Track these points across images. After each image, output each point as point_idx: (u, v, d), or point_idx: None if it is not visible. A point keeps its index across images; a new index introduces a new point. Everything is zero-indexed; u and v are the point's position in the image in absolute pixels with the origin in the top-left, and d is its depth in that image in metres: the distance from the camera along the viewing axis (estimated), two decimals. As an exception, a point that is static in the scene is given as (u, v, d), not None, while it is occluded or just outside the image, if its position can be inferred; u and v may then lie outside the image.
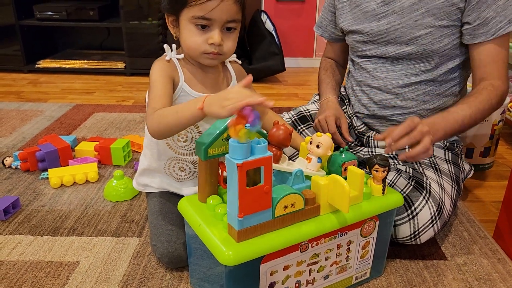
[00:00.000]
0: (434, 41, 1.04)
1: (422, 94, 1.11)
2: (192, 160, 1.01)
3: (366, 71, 1.17)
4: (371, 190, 0.84)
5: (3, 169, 1.42)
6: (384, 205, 0.85)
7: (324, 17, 1.30)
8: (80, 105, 2.09)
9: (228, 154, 0.67)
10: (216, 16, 0.85)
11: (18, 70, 2.67)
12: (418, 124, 0.87)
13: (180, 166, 1.01)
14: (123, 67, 2.68)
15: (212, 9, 0.84)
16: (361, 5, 1.13)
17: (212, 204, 0.78)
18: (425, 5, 1.03)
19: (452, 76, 1.10)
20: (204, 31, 0.87)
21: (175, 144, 0.98)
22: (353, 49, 1.21)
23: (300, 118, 1.29)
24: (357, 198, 0.81)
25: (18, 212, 1.18)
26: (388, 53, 1.11)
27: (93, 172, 1.35)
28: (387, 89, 1.13)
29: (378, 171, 0.83)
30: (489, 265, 1.00)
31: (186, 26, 0.88)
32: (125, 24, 2.58)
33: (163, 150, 1.00)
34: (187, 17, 0.87)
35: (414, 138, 0.86)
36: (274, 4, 2.81)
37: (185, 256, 0.93)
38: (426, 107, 1.12)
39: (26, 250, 1.02)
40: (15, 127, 1.79)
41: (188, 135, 0.97)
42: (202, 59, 0.92)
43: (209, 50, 0.88)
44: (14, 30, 2.58)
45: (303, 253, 0.77)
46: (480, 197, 1.32)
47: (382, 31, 1.09)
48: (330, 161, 0.85)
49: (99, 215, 1.17)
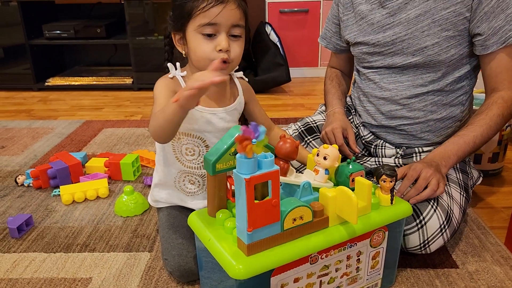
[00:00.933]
0: (441, 51, 1.05)
1: (430, 105, 1.11)
2: (201, 174, 1.02)
3: (373, 82, 1.17)
4: (379, 200, 0.85)
5: (16, 187, 1.45)
6: (393, 215, 0.85)
7: (328, 28, 1.31)
8: (90, 121, 2.12)
9: (235, 169, 0.68)
10: (221, 21, 0.88)
11: (28, 89, 2.73)
12: (421, 172, 0.95)
13: (190, 179, 1.03)
14: (130, 82, 2.72)
15: (216, 14, 0.87)
16: (366, 17, 1.14)
17: (221, 218, 0.79)
18: (431, 16, 1.03)
19: (459, 86, 1.10)
20: (211, 39, 0.90)
21: (184, 158, 1.00)
22: (359, 60, 1.22)
23: (307, 129, 1.30)
24: (365, 209, 0.81)
25: (32, 230, 1.20)
26: (395, 64, 1.11)
27: (103, 188, 1.37)
28: (395, 100, 1.14)
29: (385, 181, 0.83)
30: (502, 272, 0.99)
31: (193, 38, 0.91)
32: (132, 40, 2.62)
33: (173, 164, 1.01)
34: (193, 27, 0.90)
35: (420, 186, 0.95)
36: (277, 16, 2.84)
37: (196, 270, 0.94)
38: (433, 117, 1.12)
39: (40, 267, 1.04)
40: (26, 145, 1.82)
41: (196, 149, 0.99)
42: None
43: (217, 56, 0.89)
44: (24, 49, 2.64)
45: (313, 265, 0.78)
46: (490, 203, 1.31)
47: (388, 42, 1.10)
48: (337, 172, 0.86)
49: (110, 231, 1.19)
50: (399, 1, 1.07)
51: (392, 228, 0.86)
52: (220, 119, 0.98)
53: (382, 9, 1.10)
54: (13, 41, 2.64)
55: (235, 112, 1.02)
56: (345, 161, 0.87)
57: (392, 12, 1.08)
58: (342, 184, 0.83)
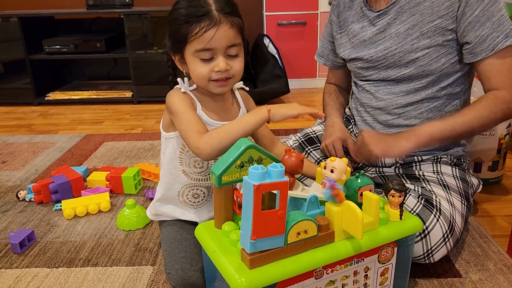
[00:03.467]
0: (431, 61, 1.07)
1: (425, 112, 1.13)
2: (207, 185, 1.03)
3: (369, 93, 1.19)
4: (388, 215, 0.83)
5: (17, 202, 1.45)
6: (402, 231, 0.83)
7: (324, 46, 1.35)
8: (90, 135, 2.13)
9: (245, 176, 0.69)
10: (216, 45, 0.89)
11: (29, 103, 2.74)
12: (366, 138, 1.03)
13: (194, 192, 1.04)
14: (130, 96, 2.73)
15: (210, 39, 0.88)
16: (358, 34, 1.17)
17: (227, 231, 0.79)
18: (419, 29, 1.05)
19: (453, 92, 1.12)
20: (209, 61, 0.91)
21: (191, 170, 1.01)
22: (355, 74, 1.25)
23: (307, 140, 1.31)
24: (373, 224, 0.80)
25: (34, 245, 1.20)
26: (390, 77, 1.13)
27: (105, 202, 1.37)
28: (389, 110, 1.15)
29: (394, 196, 0.81)
30: (505, 281, 0.99)
31: (191, 61, 0.92)
32: (132, 54, 2.64)
33: (178, 179, 1.02)
34: (190, 52, 0.91)
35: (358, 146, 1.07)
36: (276, 28, 2.87)
37: (199, 283, 0.93)
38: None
39: (43, 283, 1.04)
40: (27, 160, 1.82)
41: (204, 162, 1.00)
42: (213, 88, 0.94)
43: (215, 77, 0.91)
44: (24, 64, 2.65)
45: (318, 280, 0.77)
46: (491, 211, 1.32)
47: (381, 57, 1.12)
48: (346, 186, 0.84)
49: (112, 245, 1.19)
50: (388, 17, 1.10)
51: (402, 244, 0.85)
52: None
53: (373, 27, 1.13)
54: (13, 56, 2.65)
55: None
56: (353, 175, 0.85)
57: (382, 28, 1.11)
58: (350, 198, 0.81)
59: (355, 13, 1.19)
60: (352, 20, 1.19)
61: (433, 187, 1.06)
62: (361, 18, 1.16)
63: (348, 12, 1.21)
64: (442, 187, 1.07)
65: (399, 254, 0.86)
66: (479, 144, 1.43)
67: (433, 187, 1.06)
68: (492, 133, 1.41)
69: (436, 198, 1.02)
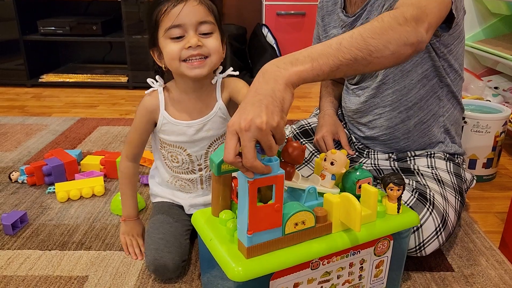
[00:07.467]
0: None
1: (404, 110, 1.12)
2: (189, 178, 1.05)
3: (355, 95, 1.19)
4: (385, 208, 0.83)
5: (9, 184, 1.43)
6: (399, 225, 0.83)
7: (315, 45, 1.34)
8: (84, 119, 2.10)
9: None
10: (184, 21, 0.88)
11: (22, 85, 2.69)
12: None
13: (180, 184, 1.07)
14: (125, 81, 2.70)
15: (177, 14, 0.87)
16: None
17: (224, 219, 0.79)
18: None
19: (429, 85, 1.09)
20: (180, 39, 0.89)
21: (171, 164, 1.04)
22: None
23: (302, 132, 1.31)
24: (370, 216, 0.80)
25: (26, 227, 1.19)
26: (370, 86, 1.14)
27: (99, 186, 1.36)
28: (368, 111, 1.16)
29: (392, 189, 0.81)
30: (496, 276, 1.00)
31: (163, 44, 0.91)
32: (128, 38, 2.60)
33: (163, 169, 1.07)
34: (162, 34, 0.90)
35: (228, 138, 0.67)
36: (274, 18, 2.84)
37: (170, 265, 0.93)
38: (411, 122, 1.12)
39: (35, 265, 1.03)
40: (20, 142, 1.80)
41: (179, 157, 1.02)
42: (186, 70, 0.90)
43: (187, 55, 0.89)
44: (18, 44, 2.60)
45: (314, 270, 0.77)
46: (484, 208, 1.33)
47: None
48: (344, 178, 0.84)
49: (106, 229, 1.18)
50: (361, 22, 1.08)
51: (398, 238, 0.85)
52: (197, 130, 0.99)
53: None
54: (7, 36, 2.60)
55: (217, 118, 1.00)
56: (352, 167, 0.85)
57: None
58: (349, 191, 0.82)
59: (336, 17, 1.18)
60: (333, 25, 1.19)
61: (427, 181, 1.06)
62: (339, 24, 1.16)
63: (330, 16, 1.20)
64: (436, 181, 1.07)
65: (394, 247, 0.86)
66: (474, 141, 1.44)
67: (428, 181, 1.06)
68: (488, 131, 1.42)
69: (430, 192, 1.02)
